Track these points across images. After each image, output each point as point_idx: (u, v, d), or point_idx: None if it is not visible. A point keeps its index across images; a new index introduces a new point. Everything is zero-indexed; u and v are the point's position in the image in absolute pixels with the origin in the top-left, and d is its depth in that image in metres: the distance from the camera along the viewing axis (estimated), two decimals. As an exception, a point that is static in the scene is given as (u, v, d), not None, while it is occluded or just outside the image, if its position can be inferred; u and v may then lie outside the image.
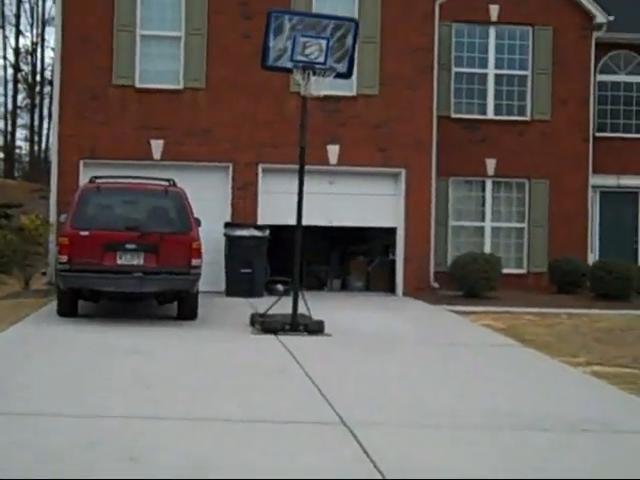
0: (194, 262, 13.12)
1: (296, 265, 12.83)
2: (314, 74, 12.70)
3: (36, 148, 51.94)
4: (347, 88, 18.84)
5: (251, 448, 6.34)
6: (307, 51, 12.61)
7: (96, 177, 14.45)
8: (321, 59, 12.62)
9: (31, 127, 51.63)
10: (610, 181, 22.65)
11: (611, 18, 21.60)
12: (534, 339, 12.69)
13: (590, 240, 21.88)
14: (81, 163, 18.81)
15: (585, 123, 21.81)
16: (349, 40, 12.84)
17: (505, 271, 19.94)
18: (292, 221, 13.41)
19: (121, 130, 18.94)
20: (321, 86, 12.91)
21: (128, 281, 12.85)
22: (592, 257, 21.74)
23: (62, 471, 5.61)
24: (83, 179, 17.96)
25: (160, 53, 19.50)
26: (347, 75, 13.38)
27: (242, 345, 11.47)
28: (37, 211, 20.57)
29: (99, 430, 6.70)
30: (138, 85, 19.14)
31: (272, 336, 12.00)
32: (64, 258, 12.92)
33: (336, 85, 15.13)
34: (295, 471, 5.81)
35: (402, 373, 9.81)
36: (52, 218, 18.48)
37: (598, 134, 22.41)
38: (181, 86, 19.25)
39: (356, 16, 18.51)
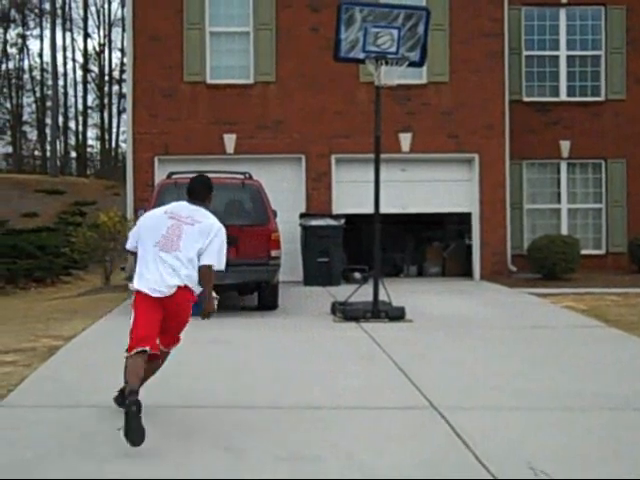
0: (273, 253, 13.25)
1: (376, 252, 12.86)
2: (386, 64, 12.71)
3: (107, 146, 52.79)
4: (417, 76, 18.77)
5: (343, 435, 6.41)
6: (379, 41, 12.61)
7: (173, 173, 14.66)
8: (393, 49, 12.61)
9: (101, 126, 52.49)
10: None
11: (686, -6, 21.11)
12: (619, 319, 12.48)
13: (671, 218, 21.42)
14: (156, 160, 19.10)
15: (661, 101, 21.35)
16: (420, 29, 12.78)
17: (583, 252, 19.53)
18: (366, 209, 13.47)
19: (193, 126, 19.20)
20: (394, 75, 12.92)
21: (209, 273, 12.95)
22: (674, 235, 21.27)
23: (160, 458, 5.78)
24: (158, 175, 18.27)
25: (230, 49, 19.68)
26: (420, 64, 13.36)
27: (325, 333, 11.50)
28: (111, 208, 20.85)
29: (193, 419, 6.83)
30: (209, 81, 19.36)
31: (354, 323, 12.06)
32: (146, 253, 13.07)
33: (406, 73, 15.06)
34: (392, 457, 5.90)
35: (487, 356, 9.80)
36: (129, 214, 18.79)
37: (675, 112, 21.93)
38: (252, 81, 19.41)
39: (424, 4, 18.46)
